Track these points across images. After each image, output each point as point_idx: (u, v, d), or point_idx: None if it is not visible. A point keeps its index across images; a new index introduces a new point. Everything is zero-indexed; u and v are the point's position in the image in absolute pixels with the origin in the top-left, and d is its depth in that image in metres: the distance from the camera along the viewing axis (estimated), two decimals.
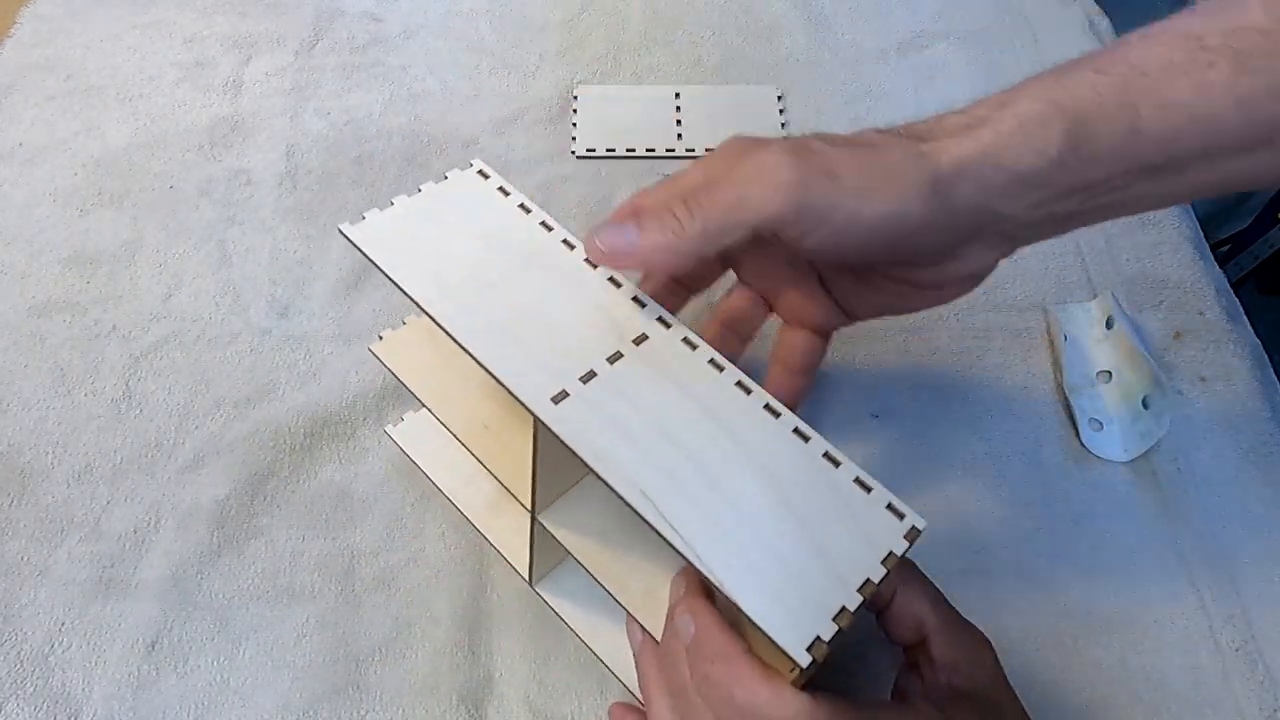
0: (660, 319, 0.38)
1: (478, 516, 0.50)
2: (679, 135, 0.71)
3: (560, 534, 0.40)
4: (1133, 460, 0.54)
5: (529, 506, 0.41)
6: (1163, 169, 0.37)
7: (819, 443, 0.35)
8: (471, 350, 0.36)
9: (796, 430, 0.35)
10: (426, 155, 0.69)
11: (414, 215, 0.40)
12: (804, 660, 0.30)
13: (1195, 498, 0.53)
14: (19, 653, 0.47)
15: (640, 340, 0.37)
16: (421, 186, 0.42)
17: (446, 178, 0.42)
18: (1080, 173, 0.37)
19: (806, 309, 0.44)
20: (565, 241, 0.40)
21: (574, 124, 0.71)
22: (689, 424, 0.35)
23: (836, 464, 0.35)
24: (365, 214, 0.40)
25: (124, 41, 0.76)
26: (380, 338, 0.46)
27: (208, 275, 0.62)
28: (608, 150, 0.70)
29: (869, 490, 0.34)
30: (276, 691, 0.46)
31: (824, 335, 0.45)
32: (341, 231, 0.39)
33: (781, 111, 0.72)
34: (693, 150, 0.70)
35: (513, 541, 0.49)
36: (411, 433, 0.52)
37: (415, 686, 0.46)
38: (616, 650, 0.45)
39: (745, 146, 0.38)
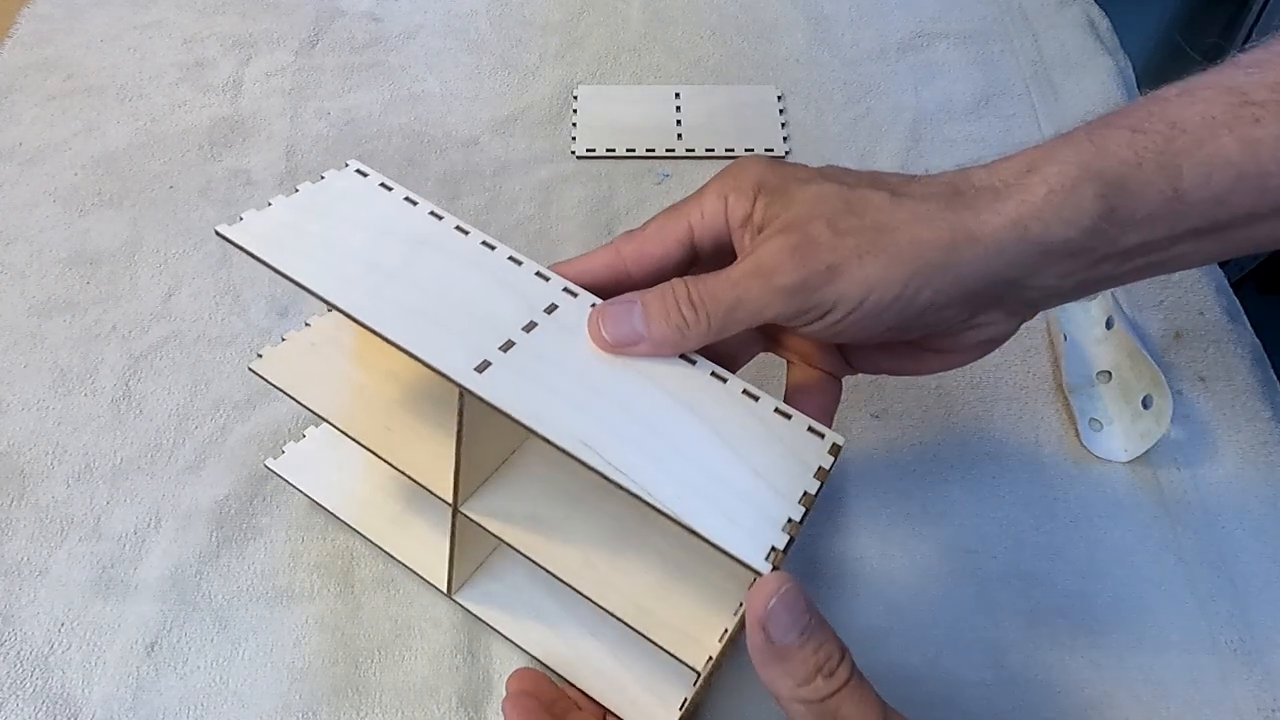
0: (566, 289, 0.39)
1: (382, 537, 0.48)
2: (679, 135, 0.71)
3: (486, 522, 0.40)
4: (1133, 460, 0.54)
5: (450, 500, 0.40)
6: (1206, 232, 0.34)
7: (736, 383, 0.37)
8: (384, 333, 0.35)
9: (714, 374, 0.37)
10: (426, 155, 0.69)
11: (296, 212, 0.39)
12: (765, 569, 0.32)
13: (1195, 498, 0.53)
14: (19, 653, 0.47)
15: (551, 309, 0.38)
16: (299, 186, 0.41)
17: (323, 178, 0.41)
18: (1115, 240, 0.34)
19: (810, 353, 0.42)
20: (459, 228, 0.40)
21: (574, 124, 0.71)
22: (613, 377, 0.36)
23: (756, 399, 0.37)
24: (243, 214, 0.39)
25: (124, 41, 0.76)
26: (259, 355, 0.44)
27: (208, 275, 0.62)
28: (608, 150, 0.70)
29: (789, 418, 0.37)
30: (276, 693, 0.46)
31: (835, 376, 0.42)
32: (219, 233, 0.38)
33: (781, 111, 0.72)
34: (692, 150, 0.70)
35: (424, 556, 0.48)
36: (295, 463, 0.50)
37: (415, 688, 0.46)
38: (551, 648, 0.46)
39: (765, 219, 0.37)
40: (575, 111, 0.72)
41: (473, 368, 0.35)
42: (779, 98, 0.73)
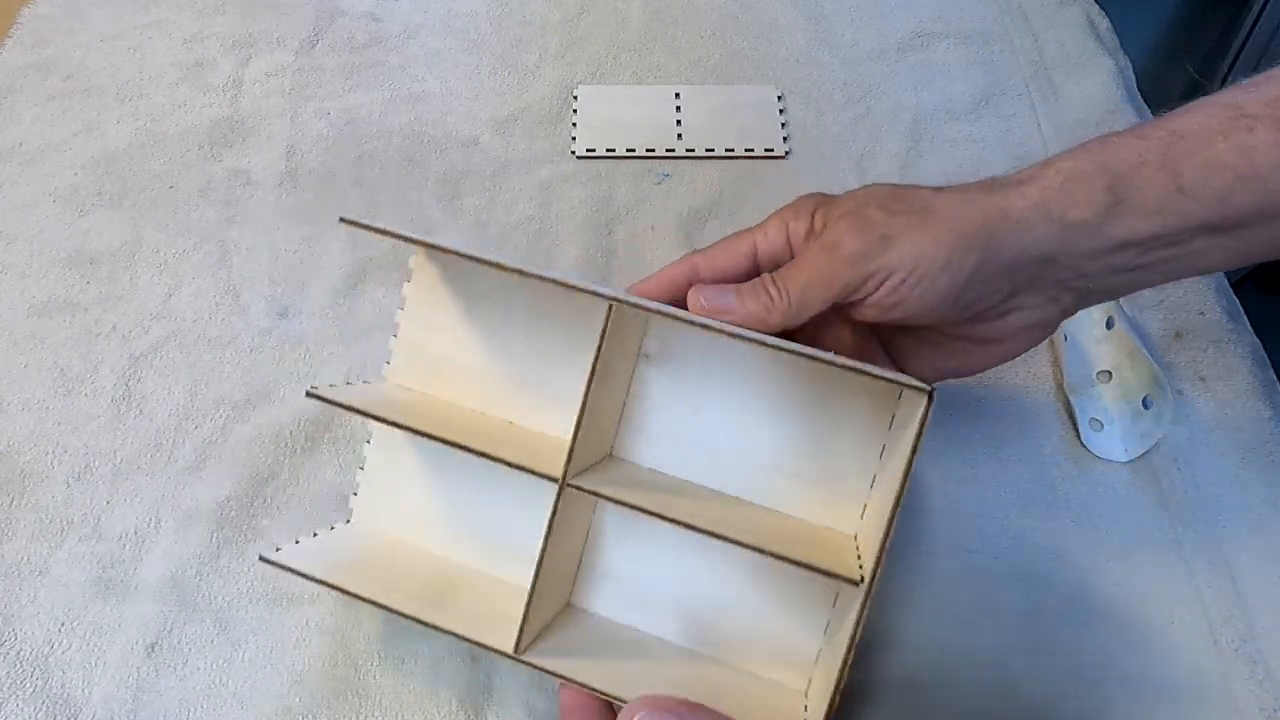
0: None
1: (429, 613, 0.41)
2: (679, 135, 0.71)
3: (601, 488, 0.39)
4: (1133, 460, 0.54)
5: (559, 475, 0.38)
6: (1220, 228, 0.38)
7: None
8: (529, 270, 0.38)
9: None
10: (426, 155, 0.69)
11: None
12: (928, 387, 0.36)
13: (1195, 498, 0.53)
14: (19, 653, 0.47)
15: None
16: None
17: None
18: (1129, 226, 0.38)
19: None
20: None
21: (574, 124, 0.71)
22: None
23: None
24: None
25: (124, 41, 0.76)
26: (314, 386, 0.42)
27: (208, 275, 0.62)
28: (608, 150, 0.70)
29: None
30: (276, 695, 0.46)
31: None
32: (347, 220, 0.40)
33: (781, 111, 0.72)
34: (692, 150, 0.70)
35: (482, 619, 0.42)
36: (303, 556, 0.43)
37: (415, 691, 0.46)
38: (639, 687, 0.41)
39: (825, 222, 0.42)
40: (575, 111, 0.72)
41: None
42: (779, 98, 0.73)
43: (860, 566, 0.38)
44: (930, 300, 0.40)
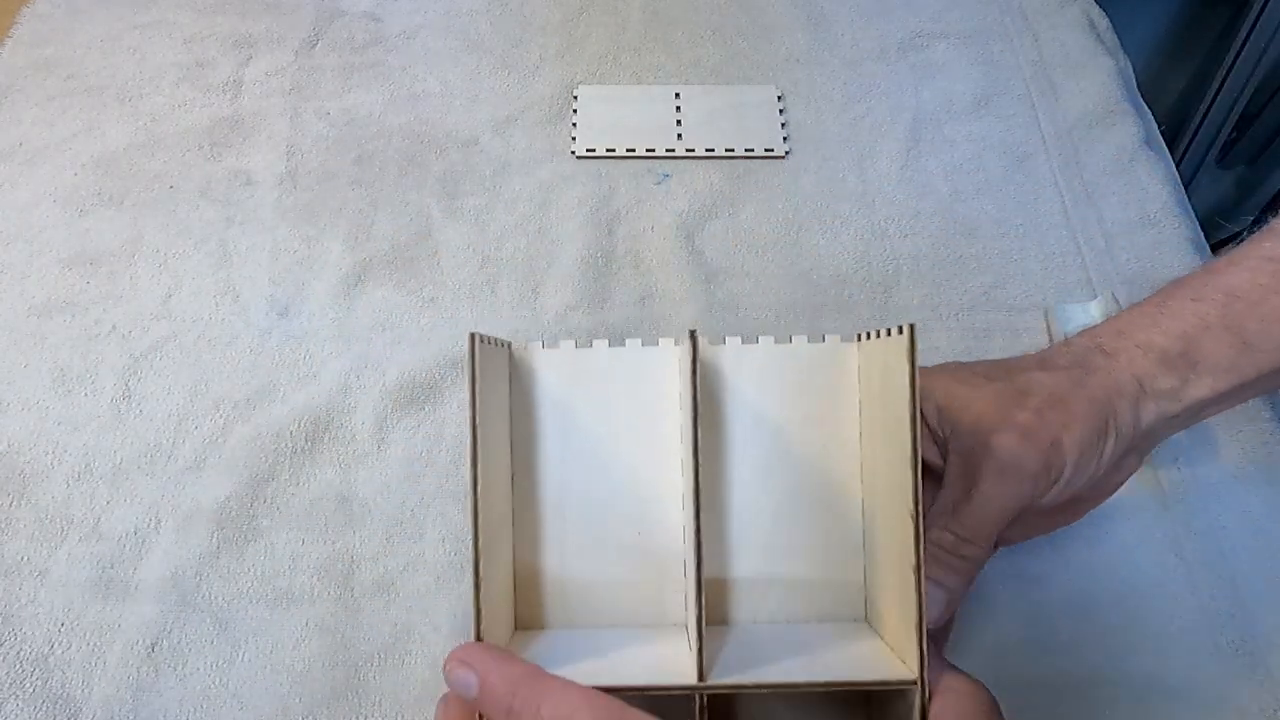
0: None
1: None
2: (679, 135, 0.71)
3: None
4: None
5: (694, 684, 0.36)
6: None
7: None
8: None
9: None
10: (426, 155, 0.69)
11: None
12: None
13: (1195, 498, 0.53)
14: (19, 653, 0.47)
15: None
16: None
17: None
18: (1208, 386, 0.42)
19: None
20: None
21: (574, 124, 0.71)
22: None
23: None
24: None
25: (124, 41, 0.76)
26: None
27: (208, 275, 0.62)
28: (608, 150, 0.70)
29: None
30: (275, 695, 0.46)
31: None
32: None
33: (781, 111, 0.72)
34: (692, 150, 0.69)
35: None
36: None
37: (415, 693, 0.46)
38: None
39: (942, 420, 0.43)
40: (575, 111, 0.72)
41: None
42: (779, 98, 0.73)
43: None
44: (1081, 482, 0.42)
